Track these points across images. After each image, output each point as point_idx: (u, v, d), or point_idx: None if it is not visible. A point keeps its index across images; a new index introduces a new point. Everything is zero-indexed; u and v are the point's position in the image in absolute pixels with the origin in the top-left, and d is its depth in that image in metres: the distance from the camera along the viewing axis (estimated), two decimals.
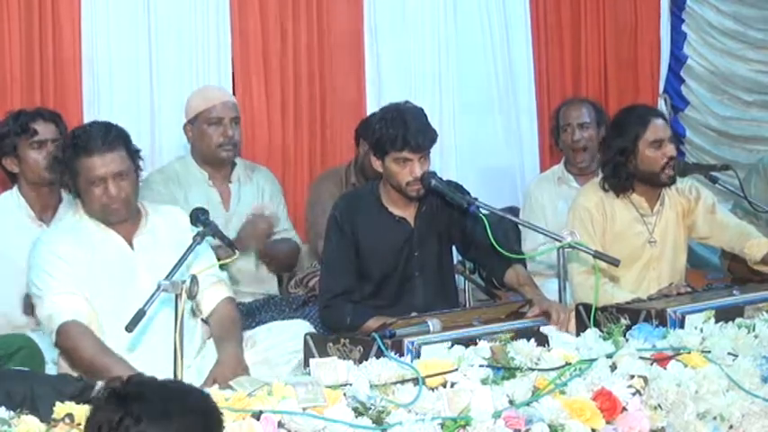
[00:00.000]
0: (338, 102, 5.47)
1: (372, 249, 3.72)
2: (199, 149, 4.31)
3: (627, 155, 3.96)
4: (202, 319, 3.49)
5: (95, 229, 3.32)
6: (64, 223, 3.42)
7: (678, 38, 6.73)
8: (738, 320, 3.30)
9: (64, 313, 3.16)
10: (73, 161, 3.24)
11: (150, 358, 3.10)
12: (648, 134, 3.95)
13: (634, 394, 2.78)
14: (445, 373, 2.65)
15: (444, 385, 2.60)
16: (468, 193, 3.69)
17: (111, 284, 3.25)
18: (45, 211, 3.91)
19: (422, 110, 3.68)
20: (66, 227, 3.38)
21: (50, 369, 3.42)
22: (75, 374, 2.91)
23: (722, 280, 4.67)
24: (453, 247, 3.93)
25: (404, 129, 3.55)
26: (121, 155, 3.26)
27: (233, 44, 5.17)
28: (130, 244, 3.34)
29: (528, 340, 2.87)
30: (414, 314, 3.32)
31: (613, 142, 4.00)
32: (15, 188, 3.93)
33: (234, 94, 4.96)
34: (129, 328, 2.78)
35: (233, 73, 5.19)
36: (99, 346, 3.13)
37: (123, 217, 3.31)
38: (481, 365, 2.69)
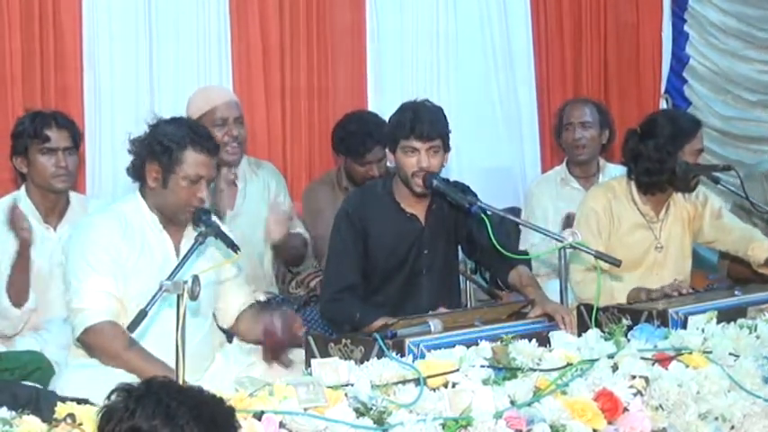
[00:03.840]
0: (339, 100, 5.46)
1: (382, 244, 3.70)
2: None
3: (671, 157, 3.96)
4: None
5: (151, 227, 3.28)
6: (117, 212, 3.30)
7: (680, 38, 6.72)
8: (740, 321, 3.31)
9: (97, 313, 3.14)
10: (182, 149, 3.20)
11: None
12: (695, 142, 4.00)
13: (635, 395, 2.78)
14: (446, 373, 2.65)
15: (446, 386, 2.61)
16: (475, 195, 3.68)
17: (149, 286, 3.10)
18: (52, 213, 3.90)
19: (439, 108, 3.68)
20: (118, 217, 3.28)
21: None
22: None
23: (719, 280, 4.67)
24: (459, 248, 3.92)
25: (413, 117, 3.56)
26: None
27: (233, 41, 5.16)
28: (177, 248, 3.31)
29: (529, 341, 2.87)
30: (430, 312, 3.34)
31: (652, 141, 3.98)
32: (23, 189, 3.91)
33: (233, 90, 4.95)
34: (131, 328, 2.78)
35: (232, 70, 5.17)
36: (133, 347, 3.10)
37: (188, 221, 3.28)
38: (482, 366, 2.69)
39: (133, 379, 2.97)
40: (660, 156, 3.96)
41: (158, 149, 3.21)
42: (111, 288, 3.18)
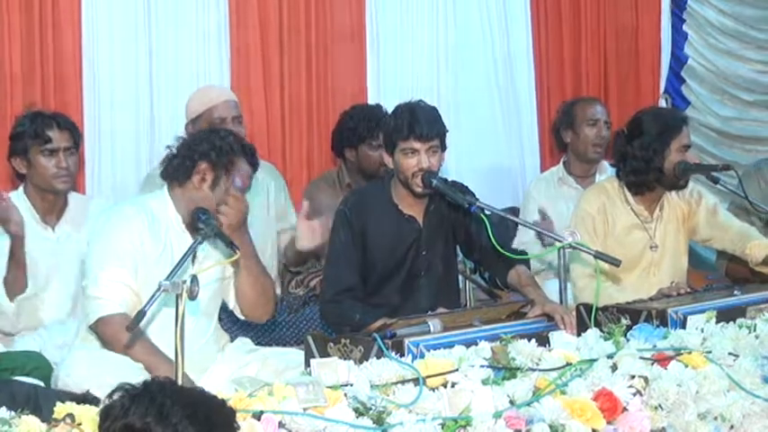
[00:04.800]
0: (338, 100, 5.46)
1: (380, 246, 3.70)
2: None
3: (658, 154, 3.96)
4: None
5: (174, 226, 3.31)
6: (146, 205, 3.34)
7: (679, 38, 6.73)
8: (739, 321, 3.31)
9: (111, 304, 3.18)
10: (238, 156, 3.31)
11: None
12: (681, 138, 3.99)
13: (635, 394, 2.78)
14: (446, 373, 2.65)
15: (445, 385, 2.60)
16: (474, 195, 3.68)
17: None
18: (50, 214, 3.90)
19: (434, 108, 3.70)
20: (146, 211, 3.31)
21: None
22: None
23: (718, 280, 4.67)
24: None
25: (411, 118, 3.57)
26: None
27: (232, 42, 5.16)
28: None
29: (529, 340, 2.87)
30: (429, 313, 3.35)
31: (638, 140, 3.98)
32: (21, 189, 3.90)
33: (232, 90, 4.94)
34: (131, 327, 2.78)
35: (231, 70, 5.17)
36: (139, 341, 3.13)
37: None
38: (482, 366, 2.69)
39: (137, 367, 3.04)
40: (646, 154, 3.96)
41: (215, 152, 3.28)
42: (128, 279, 3.21)
